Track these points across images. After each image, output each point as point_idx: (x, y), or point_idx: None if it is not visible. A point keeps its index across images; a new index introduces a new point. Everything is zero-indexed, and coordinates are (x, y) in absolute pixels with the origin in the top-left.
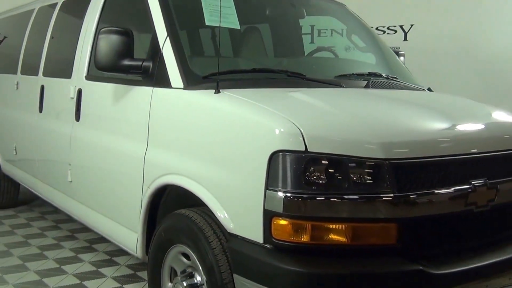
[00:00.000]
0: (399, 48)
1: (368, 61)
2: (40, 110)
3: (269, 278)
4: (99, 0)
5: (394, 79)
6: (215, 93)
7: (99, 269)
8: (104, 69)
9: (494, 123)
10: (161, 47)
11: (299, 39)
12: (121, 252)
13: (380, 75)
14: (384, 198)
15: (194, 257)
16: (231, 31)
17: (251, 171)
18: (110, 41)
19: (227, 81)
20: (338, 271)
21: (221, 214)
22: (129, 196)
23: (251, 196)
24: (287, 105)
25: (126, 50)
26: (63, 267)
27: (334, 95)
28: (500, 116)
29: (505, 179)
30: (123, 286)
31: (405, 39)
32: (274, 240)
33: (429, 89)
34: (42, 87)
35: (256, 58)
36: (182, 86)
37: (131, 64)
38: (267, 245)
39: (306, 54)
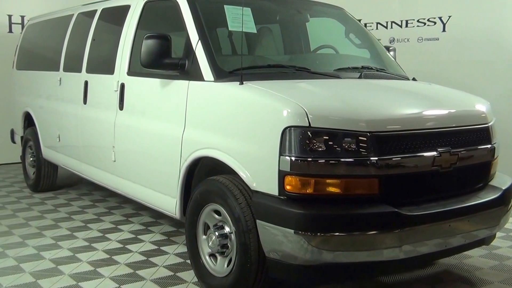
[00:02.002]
0: (438, 38)
1: (362, 56)
2: (85, 102)
3: (283, 220)
4: (137, 10)
5: (383, 70)
6: (239, 84)
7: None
8: (148, 66)
9: (457, 104)
10: (194, 48)
11: (306, 38)
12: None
13: (371, 68)
14: (369, 161)
15: (224, 212)
16: (248, 32)
17: (268, 143)
18: (153, 44)
19: (248, 75)
20: (333, 212)
21: (246, 176)
22: (168, 168)
23: (268, 161)
24: (295, 92)
25: (166, 51)
26: (107, 235)
27: (332, 84)
28: (464, 99)
29: (464, 148)
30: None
31: (444, 30)
32: (286, 192)
33: (413, 79)
34: (86, 82)
35: (270, 55)
36: (212, 79)
37: (171, 62)
38: (281, 197)
39: (312, 50)
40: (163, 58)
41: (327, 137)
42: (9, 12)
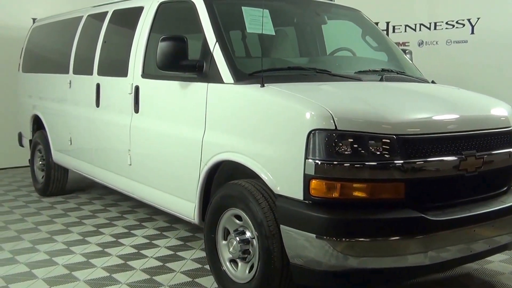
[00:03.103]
0: (466, 41)
1: (382, 59)
2: (97, 105)
3: (308, 225)
4: (151, 11)
5: (403, 73)
6: (261, 87)
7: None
8: (165, 68)
9: (482, 108)
10: (211, 50)
11: (321, 40)
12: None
13: (392, 71)
14: (395, 164)
15: (246, 216)
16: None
17: (293, 146)
18: (169, 46)
19: (268, 77)
20: (360, 217)
21: (269, 180)
22: (187, 172)
23: (293, 165)
24: (319, 95)
25: (183, 52)
26: (120, 240)
27: (355, 86)
28: (488, 102)
29: (489, 152)
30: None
31: (472, 32)
32: (311, 196)
33: (432, 82)
34: (98, 85)
35: (286, 57)
36: (232, 81)
37: (188, 64)
38: (306, 201)
39: (328, 53)
40: (180, 60)
41: (353, 140)
42: (34, 16)
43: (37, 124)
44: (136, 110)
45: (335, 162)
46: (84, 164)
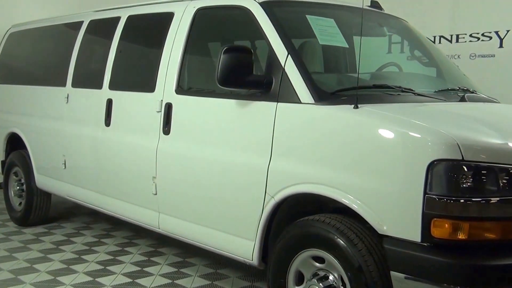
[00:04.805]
0: (494, 55)
1: (451, 75)
2: (107, 124)
3: (430, 272)
4: (186, 18)
5: (475, 92)
6: (354, 108)
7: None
8: (228, 84)
9: None
10: (282, 64)
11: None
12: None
13: (467, 90)
14: None
15: (333, 259)
16: (324, 47)
17: (408, 179)
18: (234, 58)
19: (350, 97)
20: (500, 262)
21: (371, 218)
22: (244, 205)
23: (407, 201)
24: (432, 119)
25: (249, 66)
26: (138, 280)
27: (453, 109)
28: None
29: None
30: None
31: (501, 46)
32: (433, 238)
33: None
34: (109, 101)
35: (354, 72)
36: (312, 101)
37: (255, 80)
38: (425, 243)
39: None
40: (246, 75)
41: (482, 172)
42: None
43: (12, 143)
44: (167, 131)
45: (462, 199)
46: (84, 191)
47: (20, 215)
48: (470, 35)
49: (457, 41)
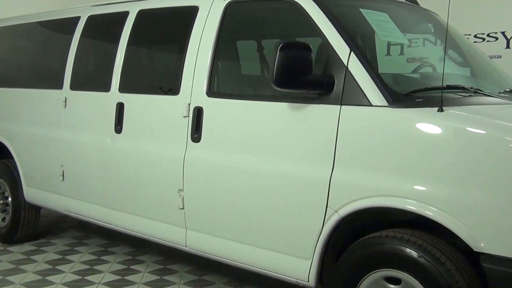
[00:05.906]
0: (500, 56)
1: (496, 75)
2: (118, 131)
3: None
4: (215, 13)
5: None
6: (438, 111)
7: None
8: (285, 85)
9: None
10: (345, 63)
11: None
12: None
13: None
14: None
15: (414, 280)
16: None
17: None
18: (293, 56)
19: (426, 98)
20: None
21: (465, 233)
22: (300, 221)
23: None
24: None
25: (308, 65)
26: None
27: None
28: None
29: None
30: None
31: (508, 46)
32: None
33: None
34: (120, 105)
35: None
36: (386, 104)
37: (316, 80)
38: None
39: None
40: (305, 75)
41: None
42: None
43: None
44: (196, 138)
45: None
46: (86, 205)
47: (5, 232)
48: (475, 36)
49: None
